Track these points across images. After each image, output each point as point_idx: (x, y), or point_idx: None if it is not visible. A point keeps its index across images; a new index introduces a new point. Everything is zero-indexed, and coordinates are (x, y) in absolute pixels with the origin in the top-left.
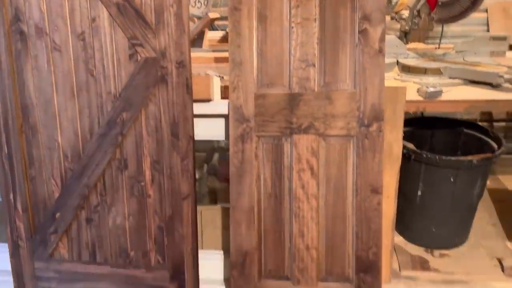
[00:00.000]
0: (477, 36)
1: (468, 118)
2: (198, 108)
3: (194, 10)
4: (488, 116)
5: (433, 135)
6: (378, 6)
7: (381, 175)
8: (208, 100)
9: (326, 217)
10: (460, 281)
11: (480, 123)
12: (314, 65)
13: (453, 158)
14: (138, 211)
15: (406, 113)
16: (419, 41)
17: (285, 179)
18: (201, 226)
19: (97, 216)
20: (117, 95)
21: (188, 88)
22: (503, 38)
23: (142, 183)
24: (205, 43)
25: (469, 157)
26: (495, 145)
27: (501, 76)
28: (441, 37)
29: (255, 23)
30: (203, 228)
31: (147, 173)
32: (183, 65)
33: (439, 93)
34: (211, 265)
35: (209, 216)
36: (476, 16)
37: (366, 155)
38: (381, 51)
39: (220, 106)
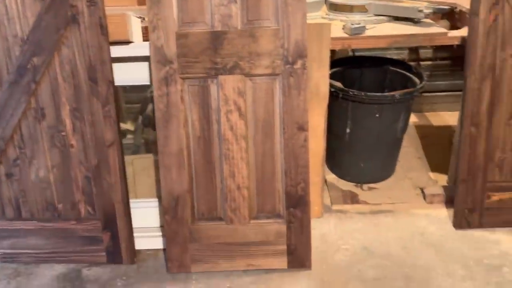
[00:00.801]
0: None
1: (398, 58)
2: (117, 51)
3: None
4: (415, 56)
5: (362, 73)
6: None
7: (306, 113)
8: (127, 42)
9: (255, 157)
10: (386, 211)
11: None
12: (236, 1)
13: (377, 94)
14: (62, 162)
15: (337, 53)
16: None
17: (213, 121)
18: (134, 176)
19: (18, 170)
20: (25, 38)
21: (103, 28)
22: None
23: (63, 133)
24: None
25: (392, 93)
26: (417, 81)
27: (421, 11)
28: None
29: None
30: (136, 177)
31: (67, 122)
32: (94, 2)
33: (363, 29)
34: (146, 213)
35: (142, 165)
36: None
37: (291, 93)
38: None
39: (141, 48)
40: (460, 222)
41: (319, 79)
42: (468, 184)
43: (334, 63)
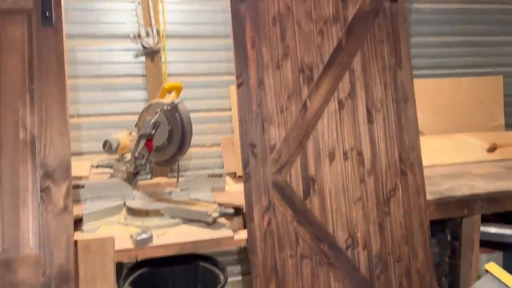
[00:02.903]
0: (197, 174)
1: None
2: None
3: None
4: None
5: (174, 272)
6: (61, 163)
7: None
8: None
9: None
10: None
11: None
12: None
13: None
14: None
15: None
16: (162, 175)
17: None
18: None
19: None
20: None
21: None
22: (220, 175)
23: None
24: None
25: None
26: (222, 278)
27: (210, 215)
28: (178, 173)
29: None
30: None
31: None
32: None
33: (149, 239)
34: None
35: None
36: (213, 149)
37: None
38: (66, 209)
39: None
40: None
41: None
42: None
43: (142, 263)
